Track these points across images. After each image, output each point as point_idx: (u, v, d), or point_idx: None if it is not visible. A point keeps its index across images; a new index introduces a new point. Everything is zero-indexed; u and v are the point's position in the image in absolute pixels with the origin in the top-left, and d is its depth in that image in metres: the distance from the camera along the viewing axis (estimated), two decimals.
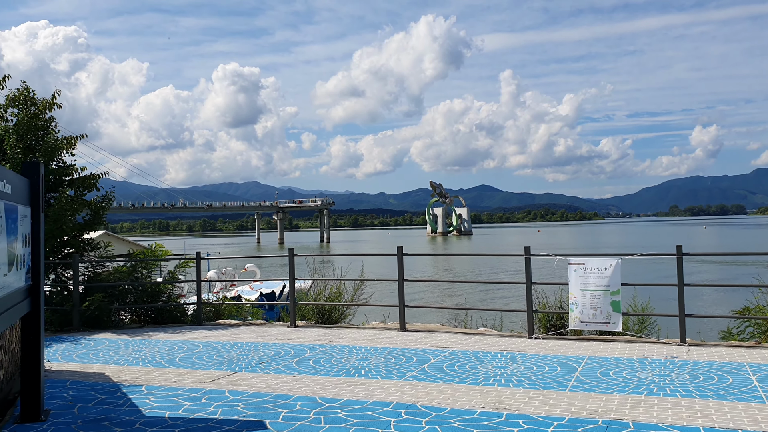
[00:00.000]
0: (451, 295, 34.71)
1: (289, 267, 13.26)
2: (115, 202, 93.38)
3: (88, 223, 14.67)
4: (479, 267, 57.29)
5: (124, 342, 11.71)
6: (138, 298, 14.32)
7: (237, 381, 8.44)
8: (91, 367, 9.52)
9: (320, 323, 13.45)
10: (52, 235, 13.62)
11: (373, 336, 11.67)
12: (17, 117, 14.10)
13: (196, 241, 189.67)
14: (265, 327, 13.21)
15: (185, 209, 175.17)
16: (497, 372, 8.62)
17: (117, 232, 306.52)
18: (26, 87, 14.45)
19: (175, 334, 12.51)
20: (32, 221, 6.60)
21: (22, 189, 6.19)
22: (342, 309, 13.79)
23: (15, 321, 6.32)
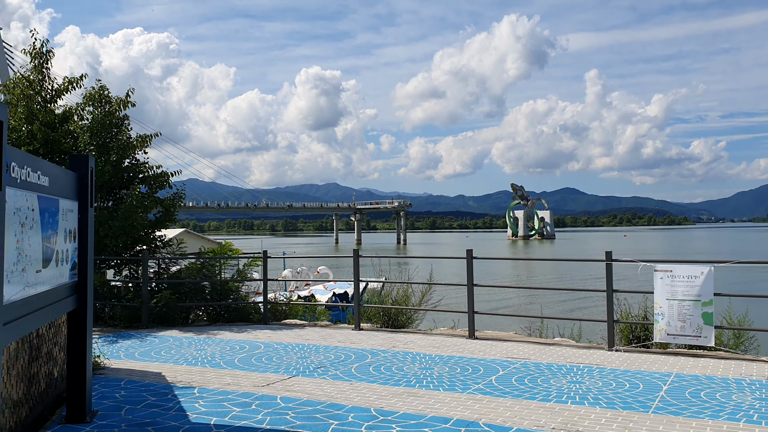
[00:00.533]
0: (527, 303, 33.53)
1: (354, 268, 12.84)
2: (202, 202, 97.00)
3: (160, 220, 14.75)
4: (559, 273, 55.47)
5: (188, 340, 11.59)
6: (206, 296, 14.26)
7: (292, 386, 8.05)
8: (150, 366, 9.37)
9: (386, 327, 12.97)
10: (123, 232, 13.75)
11: (439, 343, 11.07)
12: (92, 115, 14.34)
13: (277, 240, 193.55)
14: (330, 329, 12.84)
15: (267, 209, 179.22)
16: (572, 387, 7.86)
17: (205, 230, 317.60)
18: (102, 86, 14.69)
19: (239, 333, 12.32)
20: (80, 216, 6.41)
21: (67, 183, 5.98)
22: (409, 313, 13.26)
23: (55, 318, 6.13)
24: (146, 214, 13.97)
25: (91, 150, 13.84)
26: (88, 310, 6.48)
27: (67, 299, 6.09)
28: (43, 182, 5.07)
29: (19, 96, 13.86)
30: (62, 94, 14.87)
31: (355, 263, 12.81)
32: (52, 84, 14.70)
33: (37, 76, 14.45)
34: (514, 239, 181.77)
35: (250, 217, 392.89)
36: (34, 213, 4.84)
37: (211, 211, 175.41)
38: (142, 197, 13.81)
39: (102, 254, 14.00)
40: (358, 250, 12.94)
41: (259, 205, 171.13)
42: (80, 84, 14.86)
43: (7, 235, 4.17)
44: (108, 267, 14.59)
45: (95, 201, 14.50)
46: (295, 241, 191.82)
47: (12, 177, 4.30)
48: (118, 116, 14.49)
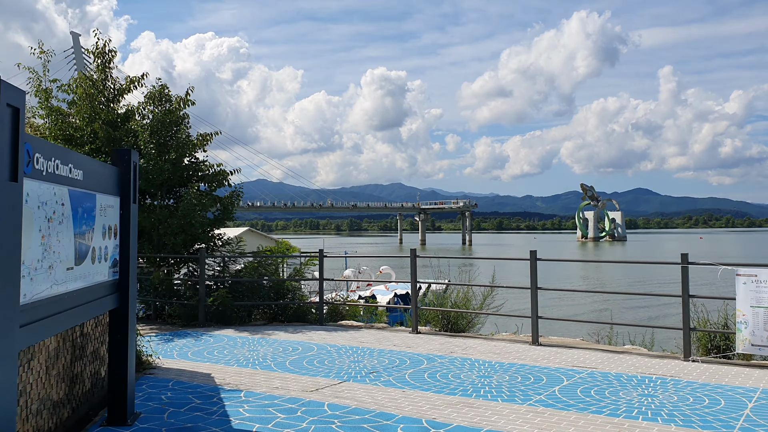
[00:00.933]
0: (596, 308, 32.25)
1: (411, 269, 12.40)
2: (270, 202, 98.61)
3: (219, 218, 14.70)
4: (630, 276, 53.46)
5: (243, 340, 11.43)
6: (263, 295, 14.11)
7: (341, 392, 7.69)
8: (200, 367, 9.20)
9: (445, 331, 12.48)
10: (182, 230, 13.75)
11: (500, 349, 10.51)
12: (153, 114, 14.42)
13: (341, 239, 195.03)
14: (387, 331, 12.44)
15: (332, 209, 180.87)
16: (643, 402, 7.20)
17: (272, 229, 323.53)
18: (162, 85, 14.76)
19: (294, 333, 12.08)
20: (121, 212, 6.22)
21: (106, 177, 5.79)
22: (470, 317, 12.72)
23: (91, 317, 5.96)
24: (204, 213, 13.93)
25: (150, 148, 13.91)
26: (131, 310, 6.29)
27: (107, 298, 5.89)
28: (76, 176, 4.85)
29: (81, 95, 14.06)
30: (124, 94, 15.03)
31: (412, 264, 12.38)
32: (115, 83, 14.87)
33: (100, 75, 14.64)
34: (583, 241, 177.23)
35: (315, 216, 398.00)
36: (64, 207, 4.62)
37: (277, 211, 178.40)
38: (200, 195, 13.78)
39: (161, 252, 14.06)
40: (416, 250, 12.50)
41: (324, 205, 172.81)
42: (142, 83, 14.98)
43: (28, 230, 3.95)
44: (168, 265, 14.64)
45: (157, 199, 14.68)
46: (359, 240, 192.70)
47: (36, 169, 4.08)
48: (177, 115, 14.52)
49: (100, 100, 14.61)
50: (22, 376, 5.09)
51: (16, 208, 3.61)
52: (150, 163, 13.80)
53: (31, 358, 5.28)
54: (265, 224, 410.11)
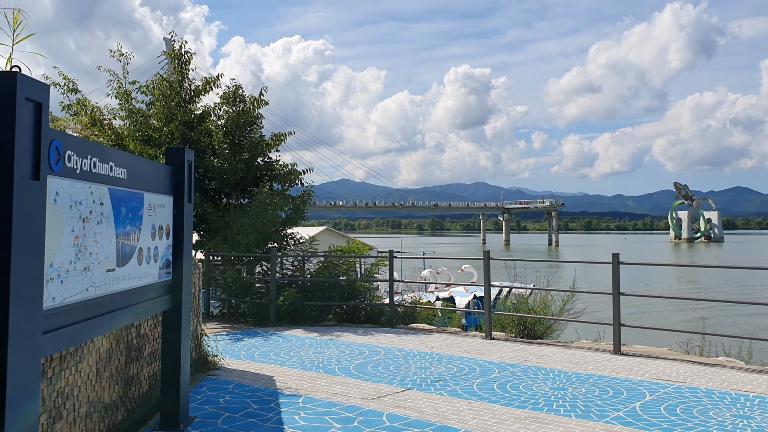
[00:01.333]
0: (688, 319, 30.38)
1: (484, 271, 11.87)
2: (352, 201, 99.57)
3: (291, 218, 14.66)
4: (727, 281, 50.38)
5: (311, 341, 11.25)
6: (334, 296, 13.93)
7: (403, 401, 7.32)
8: (264, 369, 9.05)
9: (520, 337, 11.88)
10: (254, 229, 13.76)
11: (579, 358, 9.84)
12: (227, 114, 14.53)
13: (423, 239, 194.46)
14: (458, 336, 11.97)
15: (413, 208, 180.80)
16: (738, 424, 6.45)
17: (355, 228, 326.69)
18: (237, 85, 14.86)
19: (362, 336, 11.81)
20: (175, 212, 6.08)
21: (156, 176, 5.65)
22: (548, 323, 12.07)
23: (139, 320, 5.84)
24: (276, 212, 13.89)
25: (224, 148, 14.00)
26: (183, 312, 6.15)
27: (158, 299, 5.76)
28: (118, 174, 4.70)
29: (158, 96, 14.33)
30: (201, 95, 15.24)
31: (485, 266, 11.85)
32: (191, 85, 15.09)
33: (177, 77, 14.89)
34: (677, 242, 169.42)
35: (397, 216, 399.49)
36: (103, 207, 4.47)
37: (359, 210, 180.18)
38: (271, 195, 13.76)
39: (235, 250, 14.13)
40: (489, 252, 11.95)
41: (405, 204, 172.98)
42: (217, 84, 15.14)
43: (57, 230, 3.79)
44: (241, 263, 14.71)
45: (231, 198, 14.79)
46: (440, 240, 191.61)
47: (67, 167, 3.92)
48: (251, 115, 14.57)
49: (177, 102, 14.86)
50: (68, 378, 5.00)
51: (38, 208, 3.44)
52: (224, 163, 13.90)
53: (80, 360, 5.20)
54: (348, 223, 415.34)
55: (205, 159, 14.03)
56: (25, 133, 3.31)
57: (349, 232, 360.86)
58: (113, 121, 14.61)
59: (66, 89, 15.51)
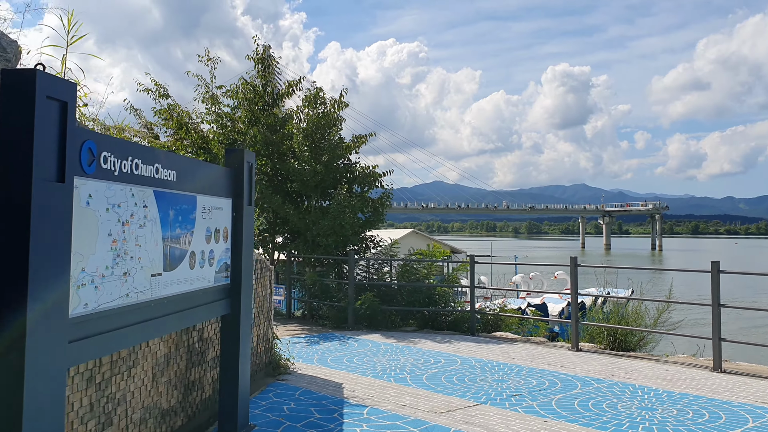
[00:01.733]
0: None
1: (571, 279, 11.19)
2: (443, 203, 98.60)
3: (369, 221, 14.46)
4: None
5: (386, 347, 10.98)
6: (413, 301, 13.59)
7: (473, 417, 6.88)
8: (335, 375, 8.85)
9: (610, 349, 11.11)
10: (333, 231, 13.66)
11: (672, 374, 9.04)
12: (308, 117, 14.53)
13: (518, 243, 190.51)
14: (543, 347, 11.34)
15: (508, 211, 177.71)
16: None
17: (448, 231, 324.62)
18: (318, 88, 14.83)
19: (441, 343, 11.41)
20: (234, 215, 5.95)
21: (212, 178, 5.53)
22: (641, 334, 11.24)
23: (193, 324, 5.72)
24: (354, 214, 13.73)
25: (304, 151, 13.99)
26: (242, 316, 6.00)
27: (214, 304, 5.63)
28: (166, 176, 4.57)
29: (241, 100, 14.52)
30: (284, 98, 15.33)
31: (572, 273, 11.16)
32: (275, 88, 15.21)
33: (260, 81, 15.04)
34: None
35: (491, 218, 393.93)
36: (147, 210, 4.34)
37: (452, 212, 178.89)
38: (349, 197, 13.61)
39: (315, 253, 14.09)
40: (576, 259, 11.26)
41: (499, 207, 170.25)
42: (299, 87, 15.18)
43: (90, 234, 3.67)
44: (321, 266, 14.66)
45: (312, 201, 14.78)
46: (536, 244, 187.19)
47: (103, 168, 3.80)
48: (332, 117, 14.49)
49: (261, 105, 15.01)
50: (120, 384, 4.93)
51: (64, 211, 3.31)
52: (303, 166, 13.89)
53: (133, 365, 5.13)
54: (441, 225, 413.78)
55: (286, 162, 14.08)
56: (46, 133, 3.19)
57: (442, 234, 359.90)
58: (200, 125, 14.93)
59: (157, 95, 16.02)
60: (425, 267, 13.89)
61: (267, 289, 8.62)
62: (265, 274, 8.53)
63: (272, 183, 14.58)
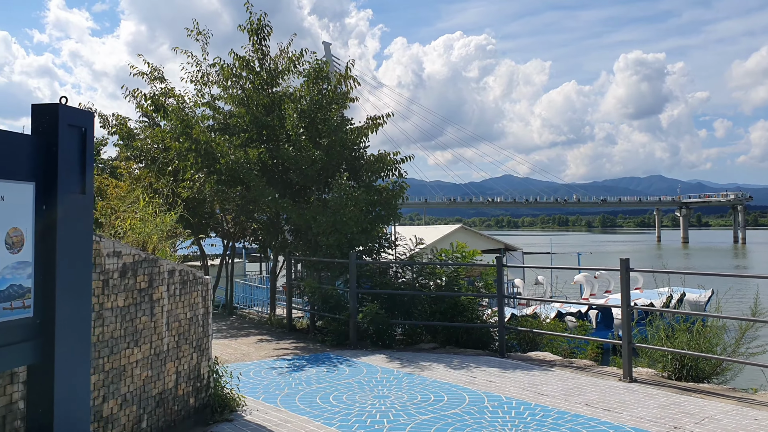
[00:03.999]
0: None
1: (621, 285, 8.59)
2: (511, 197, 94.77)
3: (379, 215, 12.14)
4: None
5: (384, 375, 8.69)
6: (435, 311, 11.26)
7: None
8: (292, 423, 6.62)
9: (675, 378, 8.47)
10: (334, 229, 11.44)
11: (764, 424, 6.38)
12: (308, 94, 12.38)
13: (590, 237, 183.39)
14: (586, 375, 8.76)
15: (579, 204, 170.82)
16: None
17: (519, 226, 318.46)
18: (319, 60, 12.65)
19: (455, 369, 9.02)
20: (43, 207, 3.81)
21: None
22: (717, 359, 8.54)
23: None
24: (359, 208, 11.44)
25: (300, 134, 11.82)
26: (59, 365, 3.85)
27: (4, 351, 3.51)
28: None
29: (228, 77, 12.53)
30: (283, 75, 13.25)
31: (622, 278, 8.55)
32: (273, 63, 13.13)
33: (255, 55, 13.00)
34: None
35: (563, 212, 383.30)
36: None
37: (521, 207, 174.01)
38: (351, 187, 11.34)
39: (316, 254, 11.93)
40: (628, 261, 8.62)
41: (570, 200, 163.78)
42: (301, 61, 13.04)
43: None
44: (322, 270, 12.49)
45: (314, 193, 12.59)
46: (609, 238, 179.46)
47: None
48: (333, 93, 12.29)
49: (258, 83, 12.97)
50: None
51: None
52: (300, 152, 11.73)
53: None
54: (512, 220, 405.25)
55: (281, 148, 11.95)
56: None
57: (512, 229, 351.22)
58: (185, 109, 13.01)
59: (151, 78, 14.28)
60: (447, 272, 11.49)
61: (195, 309, 6.48)
62: (190, 289, 6.38)
63: (267, 174, 12.49)
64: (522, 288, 27.94)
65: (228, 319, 15.07)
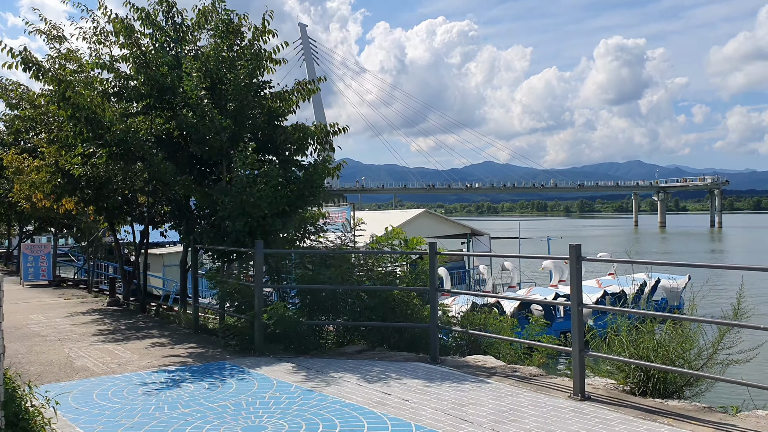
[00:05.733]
0: None
1: (571, 276, 6.86)
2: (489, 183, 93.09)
3: (300, 196, 10.29)
4: None
5: (277, 393, 6.92)
6: (368, 308, 9.52)
7: None
8: None
9: (638, 393, 6.79)
10: (242, 212, 9.58)
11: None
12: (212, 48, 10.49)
13: (568, 222, 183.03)
14: (529, 389, 7.03)
15: (556, 189, 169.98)
16: None
17: (498, 211, 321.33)
18: (228, 10, 10.75)
19: (368, 384, 7.27)
20: None
21: None
22: (691, 366, 6.87)
23: None
24: (275, 187, 9.59)
25: (202, 97, 9.92)
26: None
27: None
28: None
29: (120, 32, 10.62)
30: (193, 31, 11.34)
31: (572, 268, 6.82)
32: (180, 17, 11.24)
33: (160, 7, 11.10)
34: None
35: (542, 198, 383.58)
36: None
37: (500, 192, 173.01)
38: (259, 161, 9.47)
39: (225, 242, 10.08)
40: (580, 247, 6.88)
41: (547, 185, 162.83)
42: (212, 16, 11.12)
43: None
44: (230, 261, 10.66)
45: (223, 170, 10.74)
46: (586, 223, 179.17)
47: None
48: (248, 51, 10.42)
49: (161, 41, 11.07)
50: None
51: None
52: (203, 120, 9.86)
53: None
54: (491, 206, 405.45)
55: (178, 114, 10.05)
56: None
57: (492, 215, 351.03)
58: (65, 70, 11.04)
59: (48, 38, 12.30)
60: (374, 262, 9.73)
61: None
62: None
63: (169, 147, 10.62)
64: (487, 275, 26.33)
65: (134, 316, 13.18)
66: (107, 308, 14.68)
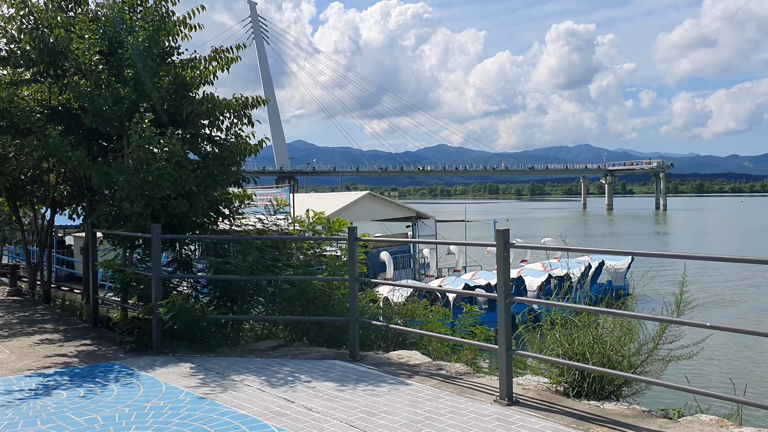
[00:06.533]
0: None
1: (498, 263, 6.09)
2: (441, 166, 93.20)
3: (211, 175, 9.23)
4: None
5: (162, 401, 5.97)
6: (281, 300, 8.62)
7: None
8: None
9: (573, 394, 6.07)
10: (141, 192, 8.50)
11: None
12: None
13: (519, 204, 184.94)
14: (453, 392, 6.24)
15: (507, 172, 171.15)
16: None
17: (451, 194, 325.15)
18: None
19: (274, 387, 6.38)
20: None
21: None
22: (627, 366, 6.19)
23: None
24: (178, 164, 8.53)
25: (96, 62, 8.75)
26: None
27: None
28: None
29: None
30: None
31: (498, 254, 6.03)
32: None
33: None
34: None
35: (494, 181, 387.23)
36: None
37: (453, 175, 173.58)
38: (154, 136, 8.37)
39: (125, 225, 8.98)
40: (508, 232, 6.11)
41: (498, 168, 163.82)
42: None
43: None
44: (133, 247, 9.58)
45: (121, 144, 9.61)
46: (537, 205, 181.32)
47: None
48: (150, 11, 9.27)
49: (58, 5, 9.83)
50: None
51: None
52: (99, 89, 8.70)
53: None
54: (444, 189, 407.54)
55: (69, 82, 8.86)
56: None
57: (445, 198, 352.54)
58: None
59: None
60: (291, 249, 8.80)
61: None
62: None
63: (64, 120, 9.44)
64: (430, 258, 25.69)
65: (33, 308, 11.96)
66: (6, 298, 13.38)
